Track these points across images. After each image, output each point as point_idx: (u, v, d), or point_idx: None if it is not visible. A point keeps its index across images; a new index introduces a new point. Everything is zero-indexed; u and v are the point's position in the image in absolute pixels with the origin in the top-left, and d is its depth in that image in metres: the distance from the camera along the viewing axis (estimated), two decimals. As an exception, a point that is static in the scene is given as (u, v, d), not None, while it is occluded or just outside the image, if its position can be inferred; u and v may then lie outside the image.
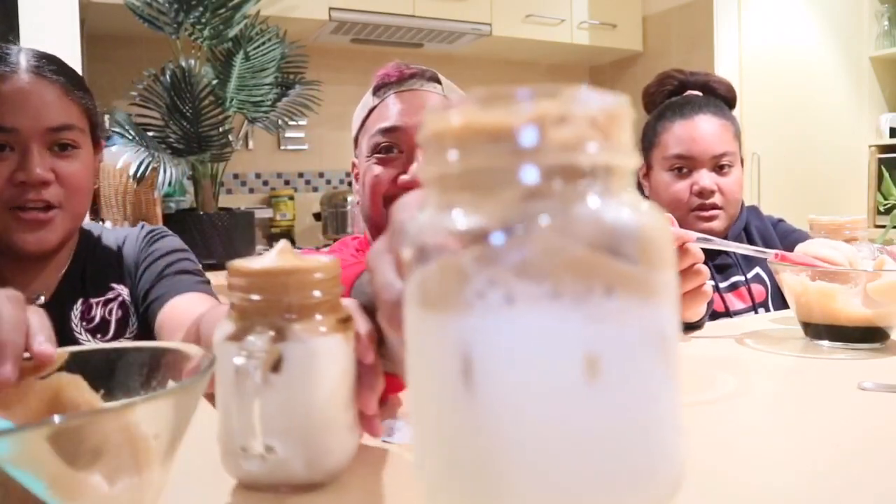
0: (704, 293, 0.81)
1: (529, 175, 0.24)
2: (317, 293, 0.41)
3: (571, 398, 0.24)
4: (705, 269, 0.80)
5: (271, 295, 0.40)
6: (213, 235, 2.11)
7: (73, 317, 0.95)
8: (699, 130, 1.27)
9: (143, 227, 1.06)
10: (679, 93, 1.38)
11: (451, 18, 2.70)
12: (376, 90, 0.98)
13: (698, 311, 0.87)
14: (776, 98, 2.74)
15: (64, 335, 0.93)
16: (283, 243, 0.43)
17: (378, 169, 0.93)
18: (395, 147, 0.93)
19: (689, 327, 0.94)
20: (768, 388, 0.70)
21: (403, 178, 0.91)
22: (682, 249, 0.78)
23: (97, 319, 0.95)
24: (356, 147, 1.02)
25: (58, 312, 0.94)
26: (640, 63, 3.16)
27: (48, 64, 0.92)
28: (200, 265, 1.04)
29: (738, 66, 2.69)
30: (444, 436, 0.26)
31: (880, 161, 2.95)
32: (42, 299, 0.94)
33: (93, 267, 0.99)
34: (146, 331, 0.96)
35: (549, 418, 0.24)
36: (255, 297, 0.41)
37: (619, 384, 0.24)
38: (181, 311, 0.91)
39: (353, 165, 1.05)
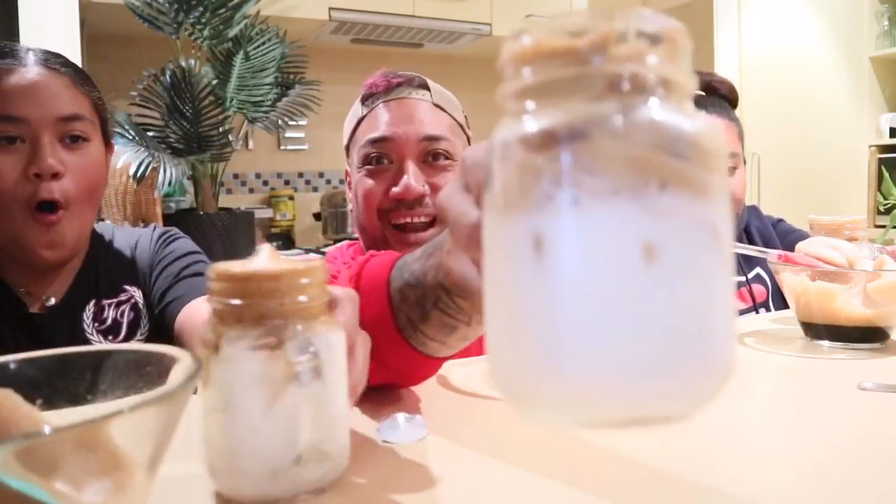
0: None
1: (591, 85, 0.27)
2: (304, 297, 0.41)
3: (630, 277, 0.26)
4: None
5: (273, 299, 0.40)
6: (213, 235, 2.11)
7: (85, 318, 0.94)
8: None
9: (154, 228, 1.05)
10: None
11: (451, 18, 2.70)
12: (364, 100, 0.98)
13: None
14: (776, 98, 2.74)
15: (75, 336, 0.93)
16: (268, 247, 0.44)
17: (369, 182, 0.93)
18: (384, 157, 0.93)
19: None
20: (768, 388, 0.70)
21: (395, 190, 0.91)
22: None
23: (109, 321, 0.95)
24: (347, 157, 1.02)
25: (70, 314, 0.94)
26: (640, 63, 3.16)
27: (55, 58, 0.93)
28: None
29: (738, 66, 2.69)
30: (515, 304, 0.29)
31: (880, 161, 2.95)
32: (53, 301, 0.94)
33: (105, 268, 0.98)
34: (159, 332, 0.96)
35: (610, 291, 0.26)
36: (271, 301, 0.40)
37: (674, 269, 0.27)
38: (202, 313, 0.90)
39: (347, 174, 1.05)
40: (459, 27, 2.74)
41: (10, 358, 0.39)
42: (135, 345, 0.40)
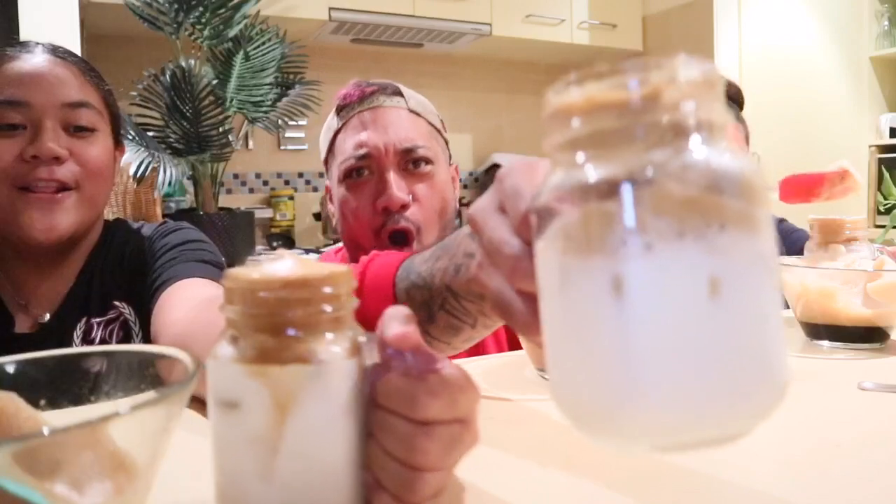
0: None
1: (646, 133, 0.29)
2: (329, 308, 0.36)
3: (699, 311, 0.29)
4: None
5: (351, 303, 0.36)
6: (213, 235, 2.10)
7: (75, 337, 0.89)
8: None
9: (160, 224, 1.00)
10: None
11: (451, 18, 2.70)
12: (339, 111, 0.97)
13: None
14: (776, 98, 2.74)
15: None
16: (287, 251, 0.38)
17: (354, 197, 0.93)
18: (365, 169, 0.93)
19: None
20: (768, 388, 0.70)
21: (380, 201, 0.90)
22: None
23: (97, 342, 0.90)
24: (327, 171, 1.01)
25: (60, 331, 0.89)
26: (640, 63, 3.16)
27: (63, 50, 0.90)
28: (223, 258, 0.94)
29: (738, 66, 2.69)
30: (592, 340, 0.31)
31: (880, 161, 2.95)
32: (47, 317, 0.90)
33: (99, 279, 0.92)
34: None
35: (683, 324, 0.29)
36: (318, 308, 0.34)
37: (736, 300, 0.29)
38: (176, 296, 0.81)
39: (328, 189, 1.03)
40: (459, 27, 2.74)
41: (14, 358, 0.40)
42: (137, 346, 0.40)
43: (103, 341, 0.90)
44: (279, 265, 0.35)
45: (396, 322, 0.36)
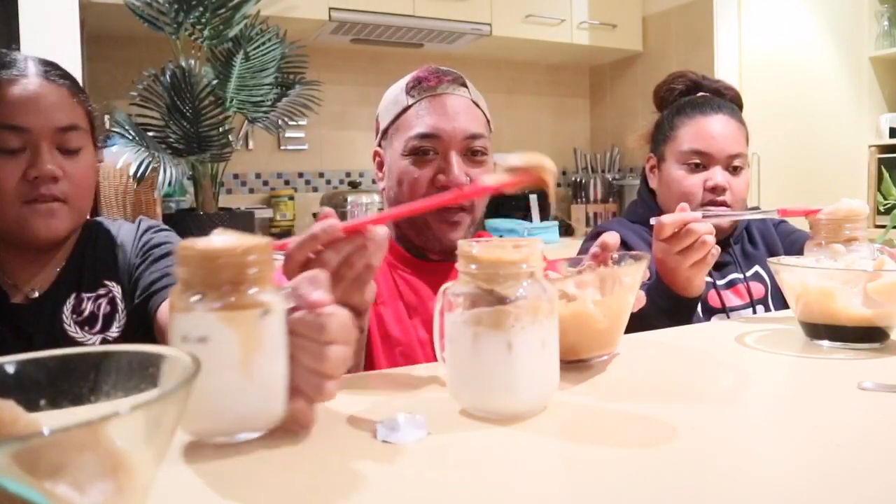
0: (706, 262, 0.99)
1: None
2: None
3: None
4: (709, 239, 0.98)
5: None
6: (213, 236, 2.11)
7: (64, 310, 1.01)
8: (718, 129, 1.29)
9: (140, 221, 1.12)
10: (691, 93, 1.40)
11: (451, 18, 2.70)
12: (410, 90, 1.07)
13: (699, 283, 1.04)
14: (776, 98, 2.74)
15: (53, 327, 0.99)
16: (221, 229, 0.51)
17: (416, 172, 1.04)
18: (431, 150, 1.04)
19: (687, 308, 1.07)
20: (768, 388, 0.71)
21: (441, 178, 1.02)
22: (685, 231, 0.97)
23: (86, 313, 1.02)
24: (383, 137, 1.10)
25: (51, 305, 1.01)
26: (640, 63, 3.16)
27: (53, 69, 0.99)
28: None
29: (738, 66, 2.69)
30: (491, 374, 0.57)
31: (880, 161, 2.96)
32: (36, 294, 1.01)
33: (90, 264, 1.05)
34: (136, 325, 1.02)
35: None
36: None
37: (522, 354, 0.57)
38: None
39: (377, 154, 1.12)
40: (459, 27, 2.73)
41: (14, 358, 0.40)
42: (137, 346, 0.40)
43: (91, 313, 1.02)
44: (219, 238, 0.49)
45: (312, 287, 0.53)
